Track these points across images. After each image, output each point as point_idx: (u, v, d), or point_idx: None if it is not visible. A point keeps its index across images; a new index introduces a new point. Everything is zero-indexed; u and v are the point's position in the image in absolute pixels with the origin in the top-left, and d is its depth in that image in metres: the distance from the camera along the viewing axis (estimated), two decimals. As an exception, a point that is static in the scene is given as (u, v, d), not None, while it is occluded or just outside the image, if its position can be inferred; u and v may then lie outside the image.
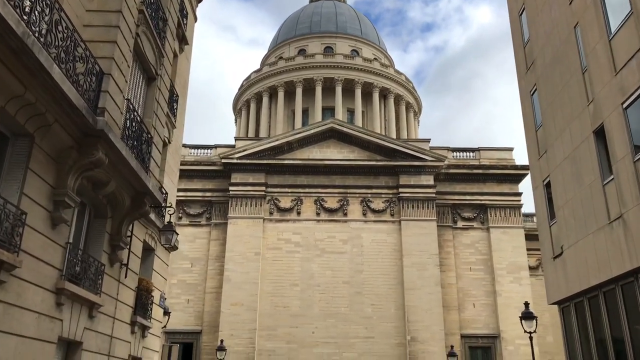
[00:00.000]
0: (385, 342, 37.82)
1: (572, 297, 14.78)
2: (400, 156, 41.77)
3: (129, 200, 12.10)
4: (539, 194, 16.71)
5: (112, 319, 12.15)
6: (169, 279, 40.15)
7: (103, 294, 11.55)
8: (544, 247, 16.63)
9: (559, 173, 15.17)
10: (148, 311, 14.38)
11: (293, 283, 39.41)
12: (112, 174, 11.00)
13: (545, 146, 16.21)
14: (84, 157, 9.84)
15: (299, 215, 41.07)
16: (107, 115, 10.33)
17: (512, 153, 43.21)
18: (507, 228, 41.02)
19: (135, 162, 11.19)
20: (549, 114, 15.82)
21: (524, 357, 37.79)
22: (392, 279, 39.41)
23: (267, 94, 58.37)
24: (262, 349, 37.65)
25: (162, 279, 15.78)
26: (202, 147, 43.69)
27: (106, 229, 11.89)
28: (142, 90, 12.81)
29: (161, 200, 12.84)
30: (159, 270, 15.41)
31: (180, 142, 17.17)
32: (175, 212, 15.50)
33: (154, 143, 12.89)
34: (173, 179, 16.36)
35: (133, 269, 13.24)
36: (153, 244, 14.90)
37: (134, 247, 13.31)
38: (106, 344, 11.82)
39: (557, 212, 15.36)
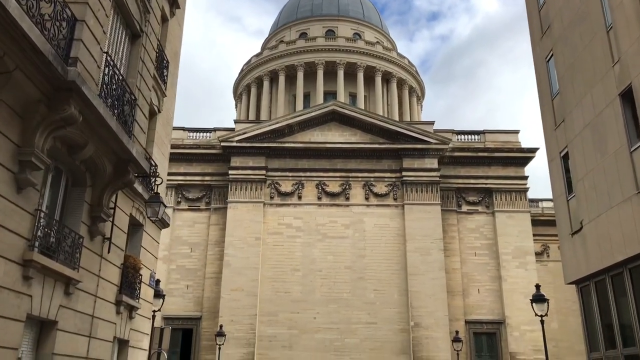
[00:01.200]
0: (388, 327, 36.81)
1: (592, 275, 13.63)
2: (403, 139, 40.46)
3: (110, 167, 10.91)
4: (556, 166, 15.49)
5: (93, 297, 11.01)
6: (168, 265, 39.22)
7: (82, 270, 10.39)
8: (561, 223, 15.44)
9: (578, 143, 13.95)
10: (136, 291, 13.26)
11: (294, 268, 38.36)
12: (89, 135, 9.79)
13: (562, 115, 14.97)
14: (54, 112, 8.63)
15: (300, 200, 39.92)
16: (81, 67, 9.10)
17: (518, 136, 41.87)
18: (513, 212, 39.80)
19: (115, 123, 9.97)
20: (567, 80, 14.57)
21: (530, 343, 36.82)
22: (395, 264, 38.32)
23: (267, 78, 56.97)
24: (262, 335, 36.68)
25: (152, 257, 14.64)
26: (201, 130, 42.46)
27: (85, 198, 10.71)
28: (125, 47, 11.58)
29: (147, 170, 11.65)
30: (148, 248, 14.27)
31: (172, 113, 15.99)
32: (163, 182, 14.33)
33: (138, 105, 11.67)
34: (164, 151, 15.19)
35: (117, 245, 12.08)
36: (141, 220, 13.74)
37: (119, 221, 12.14)
38: (87, 324, 10.69)
39: (576, 185, 14.15)
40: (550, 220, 50.55)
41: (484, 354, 37.71)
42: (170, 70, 15.40)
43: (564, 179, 15.01)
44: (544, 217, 48.87)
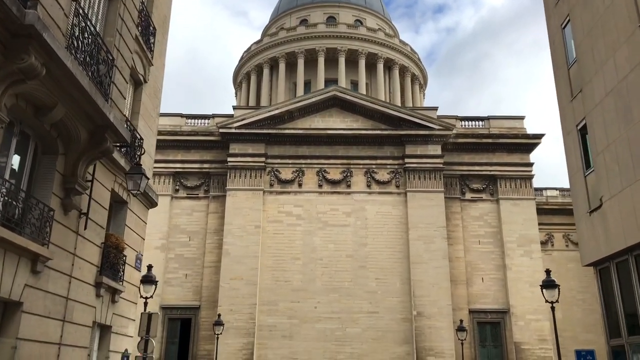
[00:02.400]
0: (390, 317, 35.76)
1: (613, 256, 12.49)
2: (406, 125, 39.22)
3: (85, 134, 9.76)
4: (572, 140, 14.31)
5: (67, 278, 9.90)
6: (166, 254, 38.07)
7: (53, 246, 9.28)
8: (578, 201, 14.28)
9: (598, 112, 12.77)
10: (119, 273, 12.15)
11: (294, 257, 37.29)
12: (58, 95, 8.64)
13: (580, 84, 13.78)
14: (11, 62, 7.46)
15: (300, 187, 38.77)
16: (43, 12, 7.92)
17: (523, 122, 40.59)
18: (518, 200, 38.60)
19: (88, 82, 8.80)
20: (587, 46, 13.36)
21: (535, 332, 35.77)
22: (397, 252, 37.20)
23: (267, 65, 55.67)
24: (262, 324, 35.67)
25: (139, 238, 13.53)
26: (199, 117, 41.26)
27: (57, 167, 9.57)
28: (101, 2, 10.38)
29: (128, 138, 10.49)
30: (133, 228, 13.15)
31: (161, 85, 14.82)
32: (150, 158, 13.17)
33: (116, 67, 10.51)
34: (151, 125, 14.04)
35: (97, 221, 10.95)
36: (126, 196, 12.60)
37: (98, 196, 11.00)
38: (60, 306, 9.59)
39: (596, 159, 12.99)
40: (555, 209, 49.51)
41: (487, 343, 36.66)
42: (157, 39, 14.22)
43: (581, 153, 13.84)
44: (548, 205, 47.75)
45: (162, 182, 39.39)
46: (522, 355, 35.33)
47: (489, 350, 36.47)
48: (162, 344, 36.47)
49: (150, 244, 38.00)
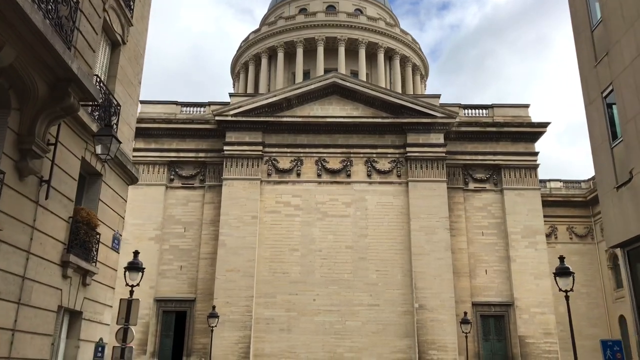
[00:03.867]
0: (391, 309, 34.37)
1: (644, 235, 11.06)
2: (407, 113, 37.75)
3: (44, 87, 8.31)
4: (596, 109, 12.88)
5: (24, 253, 8.46)
6: (161, 245, 36.42)
7: (3, 215, 7.83)
8: (603, 176, 12.86)
9: (627, 76, 11.35)
10: (91, 252, 10.71)
11: (293, 248, 35.87)
12: (4, 32, 7.17)
13: (605, 47, 12.36)
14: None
15: (298, 177, 37.33)
16: None
17: (528, 110, 39.13)
18: (522, 190, 37.16)
19: (41, 19, 7.35)
20: (614, 3, 11.93)
21: (540, 326, 34.38)
22: (398, 243, 35.78)
23: (266, 55, 54.17)
24: (259, 317, 34.27)
25: (117, 216, 12.09)
26: (194, 104, 39.77)
27: (10, 124, 8.13)
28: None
29: (97, 97, 9.03)
30: (110, 204, 11.71)
31: (142, 51, 13.38)
32: (124, 122, 11.70)
33: (82, 12, 9.04)
34: (131, 92, 12.59)
35: (63, 192, 9.51)
36: (100, 168, 11.16)
37: (64, 162, 9.56)
38: (13, 286, 8.15)
39: (625, 127, 11.57)
40: (559, 201, 48.11)
41: (491, 337, 35.28)
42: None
43: (607, 122, 12.42)
44: (552, 197, 46.40)
45: (157, 171, 37.98)
46: (526, 349, 33.96)
47: (492, 344, 35.10)
48: (157, 338, 35.12)
49: (144, 235, 36.71)
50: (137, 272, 17.49)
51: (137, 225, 36.71)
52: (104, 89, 10.70)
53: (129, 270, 17.45)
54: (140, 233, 36.48)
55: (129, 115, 12.53)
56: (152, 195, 37.36)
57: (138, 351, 34.41)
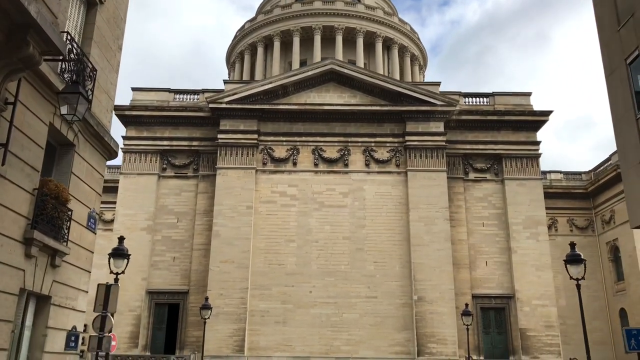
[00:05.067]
0: (389, 302, 33.31)
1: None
2: (407, 101, 36.59)
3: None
4: (618, 78, 11.78)
5: (-25, 226, 7.27)
6: (153, 235, 34.96)
7: (-53, 179, 6.65)
8: (626, 150, 11.79)
9: (656, 39, 10.26)
10: (62, 230, 9.54)
11: (289, 239, 34.73)
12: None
13: (630, 8, 11.25)
14: None
15: (295, 166, 36.15)
16: None
17: (529, 98, 38.02)
18: (524, 180, 36.11)
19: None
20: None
21: (542, 318, 33.41)
22: (397, 234, 34.70)
23: (262, 44, 52.87)
24: (254, 310, 33.17)
25: (93, 192, 10.90)
26: (188, 92, 38.51)
27: (-44, 75, 6.92)
28: None
29: (63, 50, 7.84)
30: (84, 178, 10.53)
31: (123, 14, 12.17)
32: (102, 90, 10.49)
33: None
34: (110, 58, 11.39)
35: (25, 160, 8.33)
36: (72, 137, 9.98)
37: (27, 127, 8.37)
38: (-39, 263, 6.97)
39: (652, 96, 10.51)
40: (559, 193, 47.07)
41: (492, 330, 34.30)
42: (119, -45, 11.57)
43: (632, 91, 11.32)
44: (552, 189, 45.35)
45: (149, 160, 36.74)
46: (527, 342, 33.00)
47: (492, 337, 34.12)
48: (149, 330, 33.99)
49: (135, 225, 35.50)
50: (122, 259, 16.42)
51: (128, 216, 35.54)
52: (76, 49, 9.50)
53: (114, 257, 16.38)
54: (131, 223, 35.30)
55: (107, 82, 11.33)
56: (144, 184, 36.15)
57: (129, 344, 33.30)
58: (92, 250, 10.92)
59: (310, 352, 31.96)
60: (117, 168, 41.90)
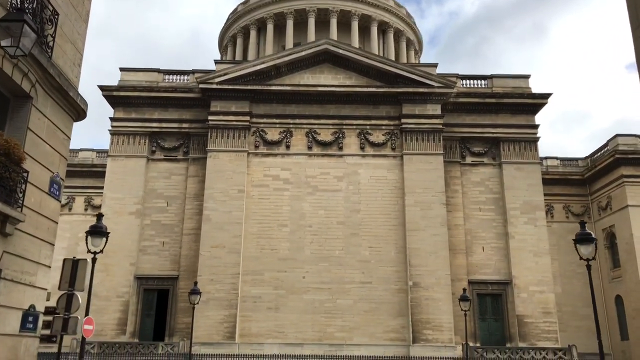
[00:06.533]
0: (384, 287, 32.17)
1: None
2: (403, 82, 35.22)
3: None
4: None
5: None
6: (142, 220, 33.21)
7: None
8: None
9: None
10: (15, 194, 8.14)
11: (282, 224, 33.44)
12: None
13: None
14: None
15: (288, 149, 34.77)
16: None
17: (528, 81, 36.77)
18: (522, 164, 34.94)
19: None
20: None
21: (539, 305, 32.42)
22: (392, 219, 33.49)
23: (254, 27, 51.20)
24: (246, 295, 31.91)
25: (56, 154, 9.49)
26: (178, 72, 36.92)
27: None
28: None
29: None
30: (46, 138, 9.12)
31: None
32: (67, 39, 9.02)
33: None
34: (76, 4, 9.86)
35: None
36: (28, 88, 8.54)
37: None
38: None
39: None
40: (555, 179, 45.96)
41: (488, 316, 33.27)
42: None
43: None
44: (549, 175, 44.18)
45: (137, 142, 35.22)
46: (524, 329, 32.00)
47: (489, 324, 33.11)
48: (137, 317, 32.67)
49: (124, 210, 34.02)
50: (101, 237, 15.02)
51: (116, 200, 34.08)
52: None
53: (91, 235, 14.97)
54: (119, 207, 33.84)
55: (73, 32, 9.89)
56: (133, 167, 34.65)
57: (117, 331, 31.98)
58: (56, 220, 9.54)
59: (303, 339, 30.80)
60: (106, 152, 40.31)
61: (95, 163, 43.80)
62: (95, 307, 31.76)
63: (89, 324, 14.40)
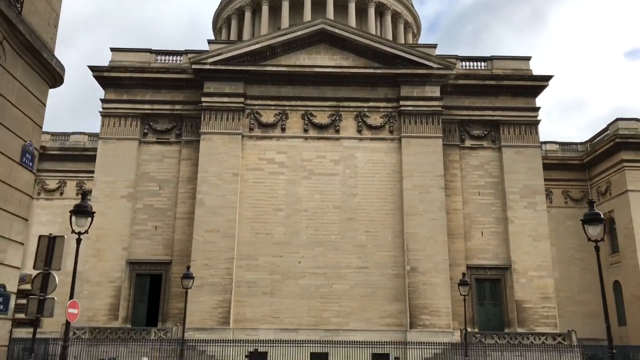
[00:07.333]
0: (381, 272, 31.60)
1: None
2: (401, 63, 34.31)
3: None
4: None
5: None
6: (134, 203, 32.05)
7: None
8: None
9: None
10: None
11: (277, 208, 32.71)
12: None
13: None
14: None
15: (283, 132, 33.92)
16: None
17: (529, 63, 35.94)
18: (522, 147, 34.26)
19: None
20: None
21: (538, 290, 31.98)
22: (390, 203, 32.81)
23: (249, 9, 49.95)
24: (240, 280, 31.28)
25: (29, 121, 8.67)
26: (170, 52, 35.83)
27: None
28: None
29: None
30: (16, 102, 8.27)
31: None
32: None
33: None
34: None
35: None
36: (-7, 44, 7.68)
37: None
38: None
39: None
40: (554, 164, 45.29)
41: (486, 302, 32.83)
42: None
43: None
44: (548, 160, 43.50)
45: (129, 124, 34.28)
46: (523, 314, 31.57)
47: (487, 309, 32.67)
48: (129, 302, 32.04)
49: (115, 193, 33.17)
50: (86, 217, 14.26)
51: (107, 183, 33.24)
52: None
53: (76, 214, 14.21)
54: (111, 191, 33.02)
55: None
56: (124, 150, 33.74)
57: (110, 317, 31.35)
58: (30, 193, 8.75)
59: (299, 324, 30.27)
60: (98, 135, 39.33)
61: (87, 147, 42.81)
62: (86, 292, 31.21)
63: (73, 307, 13.70)
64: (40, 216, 40.88)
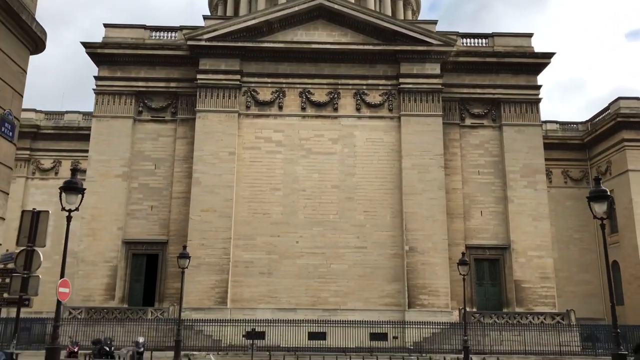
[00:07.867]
0: (379, 252, 31.32)
1: None
2: (401, 40, 33.51)
3: None
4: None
5: None
6: (129, 183, 31.46)
7: None
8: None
9: None
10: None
11: (274, 187, 32.25)
12: None
13: None
14: None
15: (280, 110, 33.26)
16: None
17: (530, 40, 35.14)
18: (523, 126, 33.72)
19: None
20: None
21: (537, 270, 31.77)
22: (388, 182, 32.38)
23: (246, -16, 48.72)
24: (238, 260, 30.99)
25: (8, 88, 8.06)
26: (165, 29, 34.92)
27: None
28: None
29: None
30: (-9, 66, 7.70)
31: None
32: None
33: None
34: None
35: None
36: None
37: None
38: None
39: None
40: (554, 144, 44.75)
41: (485, 282, 32.67)
42: None
43: None
44: (548, 140, 43.00)
45: (123, 102, 33.55)
46: (522, 294, 31.44)
47: (486, 289, 32.54)
48: (126, 282, 31.76)
49: (110, 172, 32.63)
50: (76, 194, 13.73)
51: (102, 162, 32.67)
52: None
53: (66, 191, 13.67)
54: (105, 170, 32.48)
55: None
56: (119, 128, 33.09)
57: (106, 297, 31.08)
58: (10, 165, 8.22)
59: (297, 304, 30.08)
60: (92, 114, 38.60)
61: (82, 125, 42.08)
62: (82, 272, 30.91)
63: (64, 286, 13.27)
64: (35, 196, 40.43)
